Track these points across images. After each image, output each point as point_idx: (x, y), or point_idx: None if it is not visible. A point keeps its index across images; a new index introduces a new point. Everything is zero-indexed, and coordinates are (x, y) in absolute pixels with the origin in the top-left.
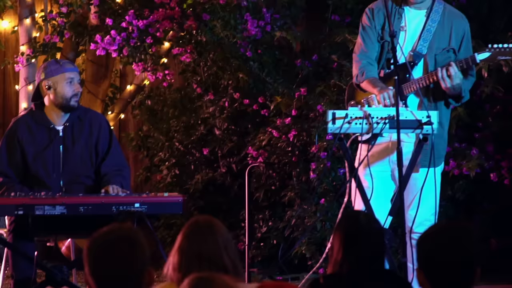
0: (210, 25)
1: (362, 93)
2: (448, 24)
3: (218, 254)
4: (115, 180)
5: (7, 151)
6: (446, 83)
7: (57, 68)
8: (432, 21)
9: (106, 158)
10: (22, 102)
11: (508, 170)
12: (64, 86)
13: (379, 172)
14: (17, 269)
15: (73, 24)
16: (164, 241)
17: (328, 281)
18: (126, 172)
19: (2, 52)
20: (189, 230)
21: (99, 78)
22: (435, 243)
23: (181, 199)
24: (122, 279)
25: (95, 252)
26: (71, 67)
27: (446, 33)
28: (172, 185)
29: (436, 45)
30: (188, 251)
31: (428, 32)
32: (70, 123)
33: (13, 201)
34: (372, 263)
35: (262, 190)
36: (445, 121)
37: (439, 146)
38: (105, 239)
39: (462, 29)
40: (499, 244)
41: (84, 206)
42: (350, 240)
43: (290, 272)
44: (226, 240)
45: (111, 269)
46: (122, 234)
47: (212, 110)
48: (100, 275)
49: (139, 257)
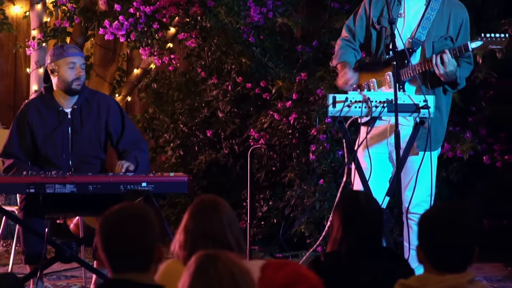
0: (214, 11)
1: (364, 76)
2: (447, 13)
3: (222, 232)
4: (131, 155)
5: (18, 133)
6: (440, 70)
7: (60, 53)
8: (432, 9)
9: (122, 136)
10: (32, 84)
11: (500, 153)
12: (65, 70)
13: (377, 154)
14: (28, 245)
15: (82, 9)
16: (168, 219)
17: (328, 258)
18: (143, 145)
19: (14, 36)
20: (194, 209)
21: (107, 62)
22: (436, 224)
23: (186, 179)
24: (133, 256)
25: (107, 230)
26: (74, 51)
27: (445, 22)
28: (177, 166)
29: (435, 33)
30: (194, 230)
31: (427, 20)
32: (78, 106)
33: (24, 180)
34: (371, 242)
35: (263, 171)
36: (444, 107)
37: (437, 131)
38: (117, 217)
39: (460, 18)
40: (491, 224)
41: (93, 185)
42: (350, 219)
43: (290, 250)
44: (231, 219)
45: (122, 246)
46: (133, 213)
47: (216, 94)
48: (112, 251)
49: (149, 235)
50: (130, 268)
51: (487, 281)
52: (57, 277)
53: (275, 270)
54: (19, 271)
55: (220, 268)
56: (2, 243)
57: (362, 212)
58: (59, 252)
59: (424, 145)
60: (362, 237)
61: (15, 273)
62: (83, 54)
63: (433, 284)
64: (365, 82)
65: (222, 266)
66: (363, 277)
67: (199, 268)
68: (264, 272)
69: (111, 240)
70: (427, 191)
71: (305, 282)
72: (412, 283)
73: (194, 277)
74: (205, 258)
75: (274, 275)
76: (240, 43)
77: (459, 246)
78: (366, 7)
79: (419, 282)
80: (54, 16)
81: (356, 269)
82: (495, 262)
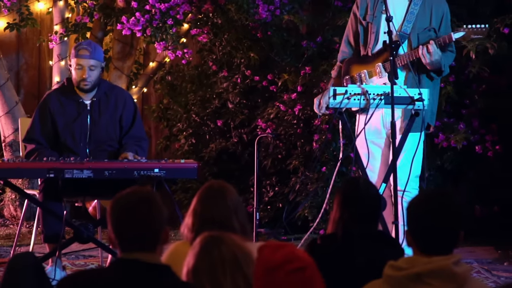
0: (225, 8)
1: (356, 68)
2: (428, 7)
3: (228, 217)
4: (131, 148)
5: (40, 121)
6: (426, 59)
7: (73, 53)
8: (415, 4)
9: (129, 130)
10: (55, 76)
11: (492, 143)
12: (74, 70)
13: (375, 140)
14: (47, 225)
15: (101, 6)
16: (181, 203)
17: (324, 241)
18: (144, 144)
19: (38, 31)
20: (203, 194)
21: (125, 56)
22: (423, 209)
23: (196, 166)
24: (141, 238)
25: (117, 214)
26: (83, 54)
27: (427, 15)
28: (189, 153)
29: (419, 25)
30: (201, 214)
31: (411, 14)
32: (97, 98)
33: (45, 165)
34: (366, 225)
35: (269, 159)
36: (431, 92)
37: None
38: (127, 201)
39: (441, 10)
40: (482, 210)
41: (108, 170)
42: (348, 202)
43: (294, 233)
44: (236, 204)
45: (131, 228)
46: (142, 197)
47: (226, 86)
48: (121, 233)
49: (157, 218)
50: (138, 248)
51: (479, 263)
52: (75, 256)
53: (272, 250)
54: (40, 250)
55: (223, 249)
56: (25, 224)
57: (361, 196)
58: (77, 233)
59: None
60: (358, 220)
61: (33, 252)
62: (98, 57)
63: (420, 265)
64: (357, 73)
65: (225, 247)
66: (357, 259)
67: (204, 249)
68: (261, 253)
69: (120, 222)
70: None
71: (299, 261)
72: (401, 265)
73: (199, 257)
74: (210, 239)
75: (271, 255)
76: (249, 39)
77: (445, 230)
78: (355, 10)
79: (408, 264)
80: (75, 12)
81: (351, 251)
82: (486, 246)
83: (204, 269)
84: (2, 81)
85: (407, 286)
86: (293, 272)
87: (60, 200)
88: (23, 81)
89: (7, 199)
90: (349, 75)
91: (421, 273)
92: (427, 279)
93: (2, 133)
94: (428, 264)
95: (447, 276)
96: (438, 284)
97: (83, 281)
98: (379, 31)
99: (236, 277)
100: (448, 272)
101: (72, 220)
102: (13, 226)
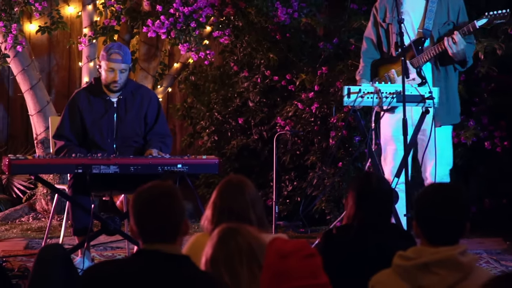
0: (245, 12)
1: (383, 69)
2: (445, 3)
3: (245, 209)
4: (155, 144)
5: (69, 118)
6: (453, 49)
7: (104, 56)
8: (432, 2)
9: (153, 127)
10: (84, 76)
11: (500, 139)
12: (106, 72)
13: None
14: (76, 219)
15: (128, 10)
16: (203, 198)
17: (339, 231)
18: (168, 140)
19: (68, 34)
20: (222, 188)
21: (150, 57)
22: (429, 202)
23: (217, 161)
24: (162, 229)
25: (139, 207)
26: (115, 58)
27: (444, 10)
28: (212, 149)
29: (438, 21)
30: (220, 206)
31: (430, 12)
32: (124, 97)
33: (73, 161)
34: (379, 218)
35: (288, 155)
36: (455, 83)
37: (455, 102)
38: (148, 195)
39: (457, 5)
40: (491, 203)
41: (134, 166)
42: (361, 197)
43: (311, 226)
44: (254, 198)
45: (152, 221)
46: (162, 191)
47: (247, 85)
48: (144, 226)
49: (177, 211)
50: (159, 239)
51: (488, 254)
52: (103, 248)
53: (283, 241)
54: (69, 242)
55: (239, 239)
56: (56, 218)
57: (373, 191)
58: (104, 226)
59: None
60: (372, 213)
61: (61, 244)
62: (127, 60)
63: (428, 255)
64: (385, 73)
65: (241, 238)
66: (370, 250)
67: (221, 239)
68: (273, 243)
69: (142, 215)
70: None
71: (309, 249)
72: (409, 254)
73: (216, 247)
74: (227, 231)
75: (282, 245)
76: (269, 40)
77: (451, 222)
78: (375, 12)
79: (416, 254)
80: (103, 16)
81: (364, 242)
82: (495, 237)
83: (222, 259)
84: (34, 81)
85: (415, 275)
86: (305, 258)
87: (88, 194)
88: (54, 81)
89: (39, 193)
90: (378, 76)
91: (428, 263)
92: (434, 269)
93: (34, 131)
94: (435, 254)
95: (454, 266)
96: (444, 273)
97: (107, 270)
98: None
99: (252, 266)
100: (454, 261)
101: (100, 214)
102: (44, 220)
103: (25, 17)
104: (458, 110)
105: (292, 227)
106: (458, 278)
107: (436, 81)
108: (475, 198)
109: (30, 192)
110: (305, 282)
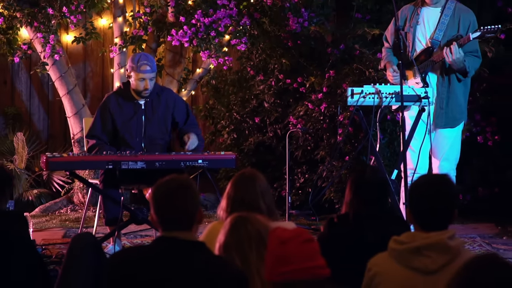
0: (260, 21)
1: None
2: (457, 17)
3: (256, 200)
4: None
5: (101, 119)
6: (449, 58)
7: (133, 67)
8: (445, 15)
9: (186, 122)
10: (116, 81)
11: (492, 134)
12: (136, 81)
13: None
14: (107, 210)
15: (155, 21)
16: (224, 190)
17: (340, 220)
18: (199, 131)
19: (101, 43)
20: (235, 180)
21: (175, 63)
22: (421, 192)
23: (234, 157)
24: (179, 219)
25: (158, 199)
26: (145, 69)
27: (456, 24)
28: (231, 146)
29: (449, 33)
30: (233, 197)
31: (442, 24)
32: (150, 99)
33: (104, 158)
34: (374, 206)
35: (300, 150)
36: (459, 91)
37: (454, 110)
38: (166, 188)
39: (468, 20)
40: (484, 192)
41: (159, 162)
42: (357, 186)
43: (320, 214)
44: (264, 189)
45: (170, 212)
46: (179, 184)
47: (262, 88)
48: (163, 215)
49: (192, 202)
50: (176, 228)
51: (481, 238)
52: (134, 236)
53: (282, 229)
54: (102, 231)
55: (249, 227)
56: (91, 209)
57: (367, 181)
58: (133, 216)
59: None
60: (365, 202)
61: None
62: (154, 68)
63: (420, 240)
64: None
65: (250, 225)
66: (368, 236)
67: (232, 227)
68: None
69: (161, 206)
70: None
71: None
72: (403, 239)
73: (228, 234)
74: (238, 219)
75: (282, 232)
76: (281, 47)
77: (440, 210)
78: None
79: (409, 238)
80: (132, 27)
81: (361, 229)
82: (488, 223)
83: (233, 244)
84: (71, 86)
85: (408, 257)
86: (303, 242)
87: (118, 188)
88: (89, 86)
89: (76, 187)
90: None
91: (420, 247)
92: (426, 252)
93: (71, 131)
94: (426, 239)
95: (443, 249)
96: (435, 256)
97: (130, 255)
98: (415, 39)
99: (260, 251)
100: (444, 245)
101: (130, 205)
102: (81, 211)
103: (62, 28)
104: (457, 115)
105: (304, 215)
106: (447, 260)
107: (440, 88)
108: (469, 187)
109: (68, 186)
110: (304, 264)
